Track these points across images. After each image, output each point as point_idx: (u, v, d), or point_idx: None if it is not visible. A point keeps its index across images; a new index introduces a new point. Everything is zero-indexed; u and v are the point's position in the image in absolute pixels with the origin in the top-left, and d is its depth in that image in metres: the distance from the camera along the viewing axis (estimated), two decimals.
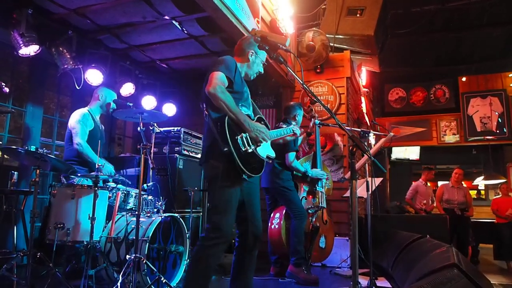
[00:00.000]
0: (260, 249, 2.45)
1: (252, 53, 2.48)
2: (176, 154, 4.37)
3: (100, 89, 3.80)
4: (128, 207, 3.32)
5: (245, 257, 2.31)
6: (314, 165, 4.14)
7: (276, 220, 4.02)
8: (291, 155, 3.85)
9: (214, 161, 2.18)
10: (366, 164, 3.92)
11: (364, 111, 6.74)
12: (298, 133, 2.81)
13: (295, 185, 4.00)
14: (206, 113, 2.28)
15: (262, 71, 2.58)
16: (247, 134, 2.20)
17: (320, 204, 4.05)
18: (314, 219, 4.00)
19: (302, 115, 4.17)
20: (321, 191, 4.09)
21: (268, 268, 4.05)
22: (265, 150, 2.35)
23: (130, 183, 3.36)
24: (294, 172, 4.00)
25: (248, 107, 2.41)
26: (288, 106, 4.15)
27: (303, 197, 4.06)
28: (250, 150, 2.17)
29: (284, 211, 3.97)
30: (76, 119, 3.50)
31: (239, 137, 2.15)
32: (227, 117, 2.15)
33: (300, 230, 3.74)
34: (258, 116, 2.46)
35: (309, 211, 3.97)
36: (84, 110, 3.60)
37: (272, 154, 2.44)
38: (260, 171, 2.29)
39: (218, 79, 2.16)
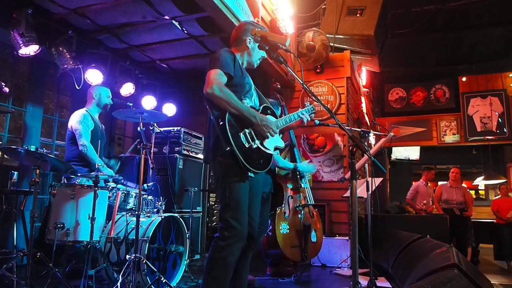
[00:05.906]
0: (257, 249, 2.38)
1: (250, 39, 2.36)
2: (176, 154, 4.37)
3: (93, 88, 3.77)
4: (128, 207, 3.32)
5: (240, 259, 2.18)
6: (293, 160, 4.01)
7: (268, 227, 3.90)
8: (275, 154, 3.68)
9: (222, 157, 2.11)
10: (366, 164, 3.90)
11: (364, 111, 6.73)
12: (305, 120, 2.48)
13: (278, 185, 3.88)
14: (210, 111, 2.22)
15: (265, 56, 2.45)
16: (251, 129, 2.12)
17: (308, 202, 3.99)
18: (303, 217, 3.92)
19: None
20: (306, 187, 4.00)
21: (265, 268, 4.04)
22: (273, 142, 2.26)
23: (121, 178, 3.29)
24: (281, 171, 3.87)
25: (251, 98, 2.32)
26: None
27: (289, 196, 3.96)
28: (254, 146, 2.11)
29: (274, 215, 3.86)
30: (76, 120, 3.49)
31: (241, 133, 2.08)
32: (227, 114, 2.07)
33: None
34: (264, 105, 2.36)
35: (296, 209, 3.92)
36: (83, 111, 3.59)
37: (281, 144, 2.33)
38: (267, 166, 2.20)
39: (215, 77, 2.11)
